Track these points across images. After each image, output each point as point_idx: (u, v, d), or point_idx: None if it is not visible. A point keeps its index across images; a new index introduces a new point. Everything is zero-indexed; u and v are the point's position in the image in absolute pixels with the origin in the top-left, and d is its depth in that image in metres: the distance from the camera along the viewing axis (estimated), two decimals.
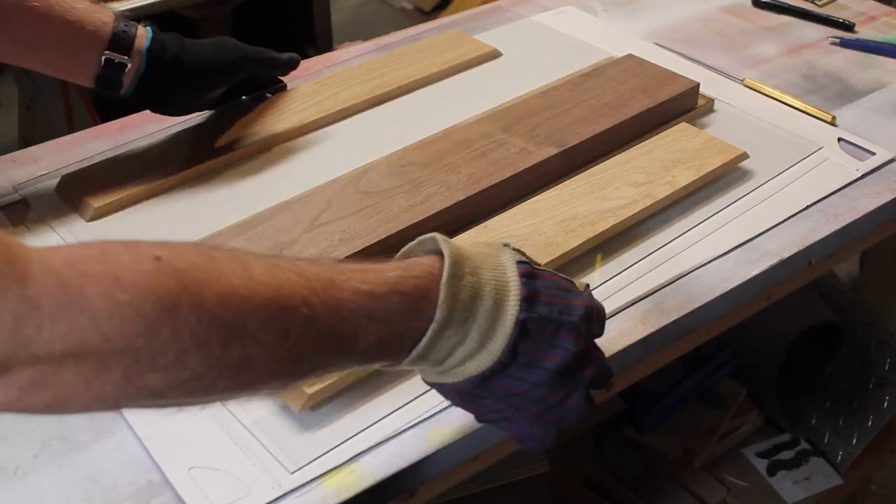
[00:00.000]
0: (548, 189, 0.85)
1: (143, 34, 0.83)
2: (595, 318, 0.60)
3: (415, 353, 0.54)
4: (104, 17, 0.82)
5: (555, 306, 0.56)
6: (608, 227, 0.80)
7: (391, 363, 0.55)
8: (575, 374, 0.58)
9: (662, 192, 0.84)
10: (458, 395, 0.58)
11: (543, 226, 0.79)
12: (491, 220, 0.81)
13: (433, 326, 0.53)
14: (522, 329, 0.55)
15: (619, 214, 0.81)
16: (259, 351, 0.47)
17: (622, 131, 0.91)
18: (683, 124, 0.95)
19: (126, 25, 0.82)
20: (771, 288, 0.83)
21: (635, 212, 0.82)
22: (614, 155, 0.90)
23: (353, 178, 0.84)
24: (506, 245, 0.58)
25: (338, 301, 0.50)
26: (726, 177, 0.90)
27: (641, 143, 0.91)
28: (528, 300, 0.55)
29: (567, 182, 0.85)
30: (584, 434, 1.33)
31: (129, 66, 0.82)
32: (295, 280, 0.49)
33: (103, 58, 0.81)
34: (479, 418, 0.60)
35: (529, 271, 0.57)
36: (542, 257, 0.76)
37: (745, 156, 0.91)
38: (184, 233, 0.80)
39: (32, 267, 0.42)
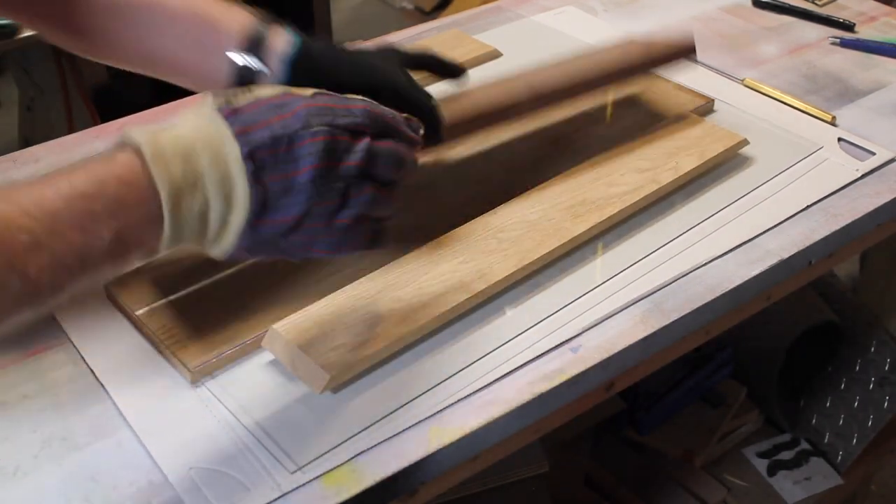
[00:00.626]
0: (555, 177, 0.85)
1: (286, 39, 0.72)
2: (339, 113, 0.58)
3: (166, 235, 0.53)
4: (240, 17, 0.72)
5: (274, 126, 0.56)
6: (615, 211, 0.81)
7: (150, 250, 0.54)
8: (338, 169, 0.57)
9: (667, 177, 0.85)
10: (249, 251, 0.58)
11: (552, 211, 0.80)
12: (500, 207, 0.81)
13: (166, 206, 0.53)
14: (255, 165, 0.55)
15: (625, 200, 0.82)
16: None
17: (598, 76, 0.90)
18: (684, 112, 0.95)
19: (264, 27, 0.72)
20: (771, 288, 0.83)
21: (641, 197, 0.83)
22: (615, 144, 0.90)
23: None
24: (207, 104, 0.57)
25: (53, 214, 0.50)
26: (727, 168, 0.91)
27: (644, 133, 0.91)
28: (243, 135, 0.55)
29: (574, 169, 0.86)
30: (583, 434, 1.33)
31: (268, 73, 0.71)
32: (3, 208, 0.49)
33: (238, 62, 0.70)
34: (293, 258, 0.61)
35: (231, 110, 0.56)
36: (552, 242, 0.77)
37: (745, 142, 0.92)
38: None
39: None
